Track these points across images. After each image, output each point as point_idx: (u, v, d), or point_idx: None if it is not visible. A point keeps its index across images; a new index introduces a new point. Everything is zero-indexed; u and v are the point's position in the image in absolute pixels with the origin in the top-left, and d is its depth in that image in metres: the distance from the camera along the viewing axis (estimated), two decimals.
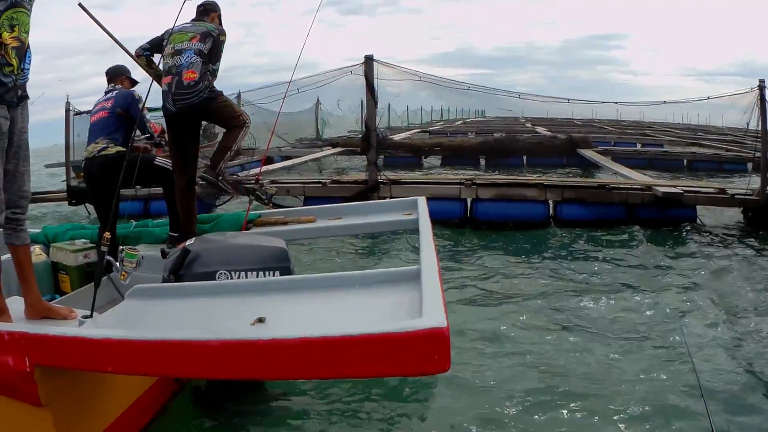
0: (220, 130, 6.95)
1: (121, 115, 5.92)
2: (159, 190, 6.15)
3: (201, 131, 6.19)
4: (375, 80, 12.34)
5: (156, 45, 5.91)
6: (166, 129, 5.91)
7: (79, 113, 13.76)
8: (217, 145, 6.13)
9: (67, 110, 13.89)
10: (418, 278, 3.16)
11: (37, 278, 4.09)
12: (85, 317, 3.64)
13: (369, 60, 12.28)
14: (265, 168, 9.73)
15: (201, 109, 5.69)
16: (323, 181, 12.56)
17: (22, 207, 3.87)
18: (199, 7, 6.01)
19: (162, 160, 5.87)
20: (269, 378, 3.67)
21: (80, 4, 5.83)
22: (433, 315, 2.45)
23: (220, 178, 6.00)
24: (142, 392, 4.03)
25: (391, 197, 11.56)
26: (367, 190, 12.05)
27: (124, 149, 5.69)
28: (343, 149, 20.70)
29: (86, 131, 6.07)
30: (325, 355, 2.42)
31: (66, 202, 13.93)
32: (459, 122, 53.81)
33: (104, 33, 6.04)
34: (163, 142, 6.37)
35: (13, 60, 3.60)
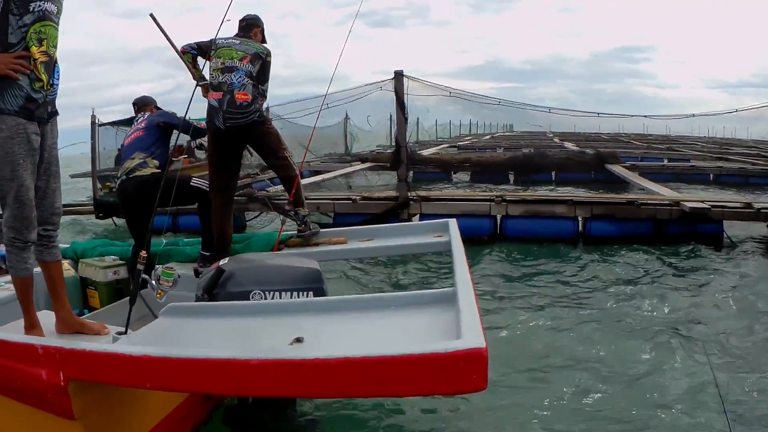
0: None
1: (160, 126, 6.03)
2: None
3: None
4: (405, 95, 12.36)
5: (202, 49, 5.99)
6: (207, 144, 5.97)
7: (103, 125, 13.88)
8: (287, 186, 6.22)
9: (93, 122, 13.91)
10: (454, 300, 3.17)
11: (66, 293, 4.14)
12: (120, 333, 3.68)
13: (399, 75, 12.31)
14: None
15: (249, 131, 5.77)
16: (353, 197, 12.60)
17: (54, 224, 3.93)
18: (241, 21, 6.07)
19: (198, 181, 5.90)
20: (309, 396, 3.71)
21: (151, 15, 5.96)
22: (471, 336, 2.47)
23: (292, 212, 6.17)
24: (171, 409, 4.05)
25: (421, 214, 11.70)
26: (398, 207, 12.05)
27: (159, 170, 5.80)
28: (372, 165, 20.74)
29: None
30: (366, 375, 2.43)
31: (92, 215, 14.02)
32: (487, 137, 53.90)
33: (165, 41, 6.14)
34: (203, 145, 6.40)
35: (43, 75, 3.64)
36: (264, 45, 6.08)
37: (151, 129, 6.01)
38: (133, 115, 6.59)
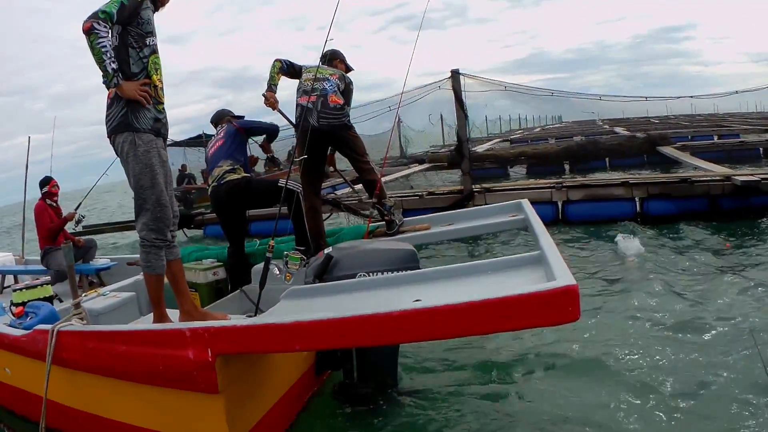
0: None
1: (240, 131, 6.45)
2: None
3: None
4: (462, 92, 12.75)
5: (291, 67, 6.51)
6: (298, 146, 6.35)
7: (170, 145, 14.42)
8: (370, 190, 6.67)
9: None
10: (540, 261, 3.67)
11: (167, 296, 4.57)
12: (250, 317, 4.21)
13: (455, 74, 12.68)
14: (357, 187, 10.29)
15: (340, 131, 6.30)
16: (420, 193, 13.07)
17: (175, 225, 4.48)
18: (326, 55, 6.61)
19: (289, 183, 6.14)
20: (442, 338, 3.97)
21: (280, 112, 6.45)
22: (565, 277, 2.99)
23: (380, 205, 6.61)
24: (293, 383, 4.57)
25: (486, 205, 11.99)
26: (463, 199, 12.50)
27: (248, 174, 6.30)
28: (430, 165, 21.00)
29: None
30: (486, 314, 2.92)
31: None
32: (537, 129, 53.65)
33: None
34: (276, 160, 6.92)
35: (163, 99, 4.29)
36: (348, 77, 6.70)
37: (230, 137, 6.42)
38: (197, 134, 7.08)
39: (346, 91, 6.53)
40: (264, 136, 6.74)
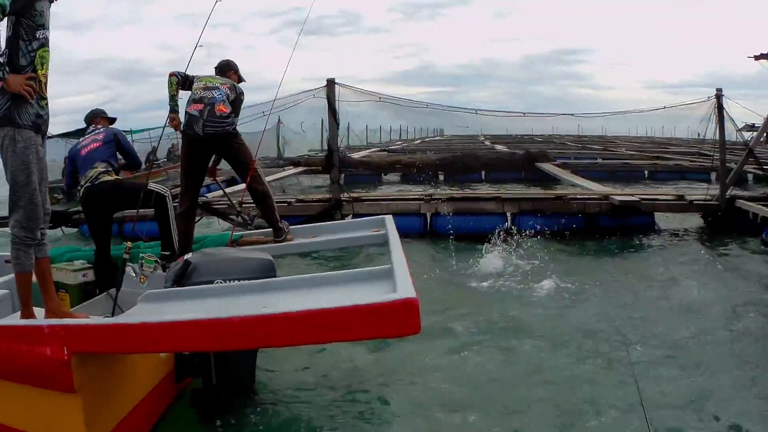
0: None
1: (116, 142, 6.51)
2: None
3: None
4: (337, 102, 12.76)
5: (186, 79, 6.62)
6: (182, 153, 6.59)
7: (53, 137, 13.98)
8: (259, 203, 6.76)
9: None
10: (389, 274, 3.82)
11: (38, 296, 4.52)
12: (107, 317, 4.20)
13: (331, 83, 12.71)
14: (229, 189, 10.22)
15: (225, 140, 6.43)
16: (288, 200, 13.06)
17: (46, 222, 4.43)
18: (222, 64, 6.95)
19: (155, 186, 6.31)
20: (280, 345, 4.26)
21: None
22: (405, 289, 3.16)
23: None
24: (151, 388, 4.58)
25: (354, 214, 12.18)
26: (331, 208, 12.57)
27: (119, 176, 6.36)
28: (305, 169, 21.03)
29: (61, 153, 6.55)
30: (323, 323, 3.07)
31: None
32: (418, 141, 54.13)
33: None
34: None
35: (46, 94, 4.26)
36: (239, 86, 6.82)
37: (108, 143, 6.44)
38: (81, 126, 6.99)
39: (236, 101, 6.66)
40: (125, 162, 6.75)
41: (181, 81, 6.59)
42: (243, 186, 6.78)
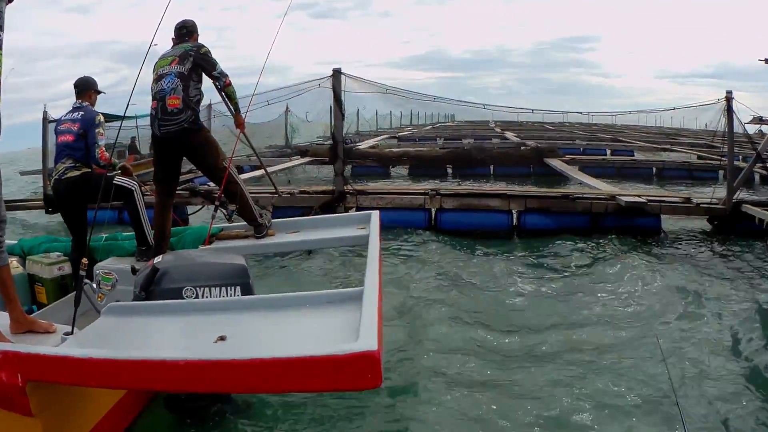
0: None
1: (84, 137, 6.16)
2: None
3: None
4: (342, 92, 12.61)
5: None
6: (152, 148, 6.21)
7: (55, 121, 13.80)
8: (236, 204, 6.43)
9: (45, 118, 13.91)
10: (360, 299, 3.57)
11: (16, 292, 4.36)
12: (67, 334, 4.00)
13: (337, 73, 12.54)
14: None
15: (183, 138, 5.98)
16: (291, 191, 12.89)
17: (3, 230, 4.14)
18: (180, 30, 6.31)
19: (121, 180, 6.07)
20: (229, 392, 4.11)
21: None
22: (367, 339, 2.85)
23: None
24: (115, 402, 4.36)
25: (357, 207, 12.04)
26: (334, 200, 12.39)
27: (89, 170, 6.11)
28: (311, 158, 20.90)
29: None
30: (274, 373, 2.81)
31: (39, 210, 14.06)
32: (428, 127, 53.92)
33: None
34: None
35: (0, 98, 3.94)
36: (195, 42, 6.25)
37: (79, 135, 6.10)
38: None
39: (201, 63, 6.05)
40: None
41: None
42: (248, 175, 6.51)
